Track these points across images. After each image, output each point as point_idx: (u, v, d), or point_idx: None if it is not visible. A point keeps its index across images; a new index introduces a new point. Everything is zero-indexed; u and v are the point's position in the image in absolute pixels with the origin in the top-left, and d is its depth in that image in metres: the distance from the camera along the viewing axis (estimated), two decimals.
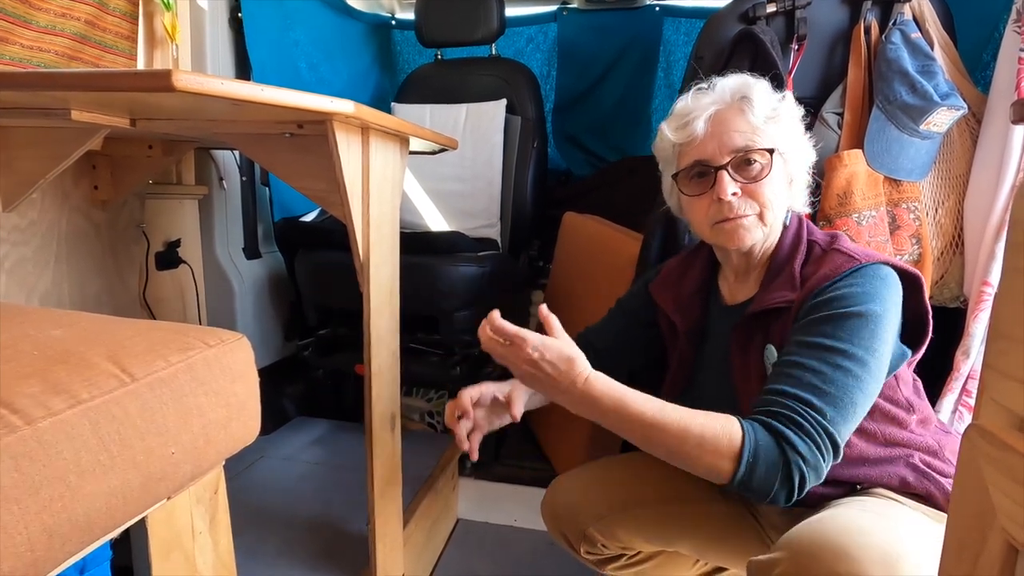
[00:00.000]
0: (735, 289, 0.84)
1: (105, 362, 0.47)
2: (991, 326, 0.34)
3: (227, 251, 1.49)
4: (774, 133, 0.75)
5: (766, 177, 0.74)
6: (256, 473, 1.29)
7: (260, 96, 0.60)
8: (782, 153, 0.75)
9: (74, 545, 0.42)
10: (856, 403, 0.63)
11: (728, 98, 0.76)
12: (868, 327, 0.65)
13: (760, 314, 0.74)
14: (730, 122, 0.75)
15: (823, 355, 0.65)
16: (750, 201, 0.74)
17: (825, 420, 0.61)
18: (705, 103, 0.77)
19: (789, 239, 0.78)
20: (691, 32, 1.91)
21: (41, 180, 0.86)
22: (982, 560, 0.32)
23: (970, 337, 1.06)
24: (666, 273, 0.92)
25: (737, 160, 0.74)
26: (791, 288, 0.73)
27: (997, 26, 1.20)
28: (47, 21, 1.07)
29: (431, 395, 1.70)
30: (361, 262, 0.85)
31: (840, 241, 0.75)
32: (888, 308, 0.67)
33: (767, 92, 0.77)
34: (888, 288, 0.68)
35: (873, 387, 0.65)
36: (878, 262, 0.70)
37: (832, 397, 0.62)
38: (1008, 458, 0.30)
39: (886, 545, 0.56)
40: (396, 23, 2.20)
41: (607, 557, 0.90)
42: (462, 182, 1.74)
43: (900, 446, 0.73)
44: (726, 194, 0.73)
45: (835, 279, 0.69)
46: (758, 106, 0.74)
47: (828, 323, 0.66)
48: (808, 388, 0.63)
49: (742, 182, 0.74)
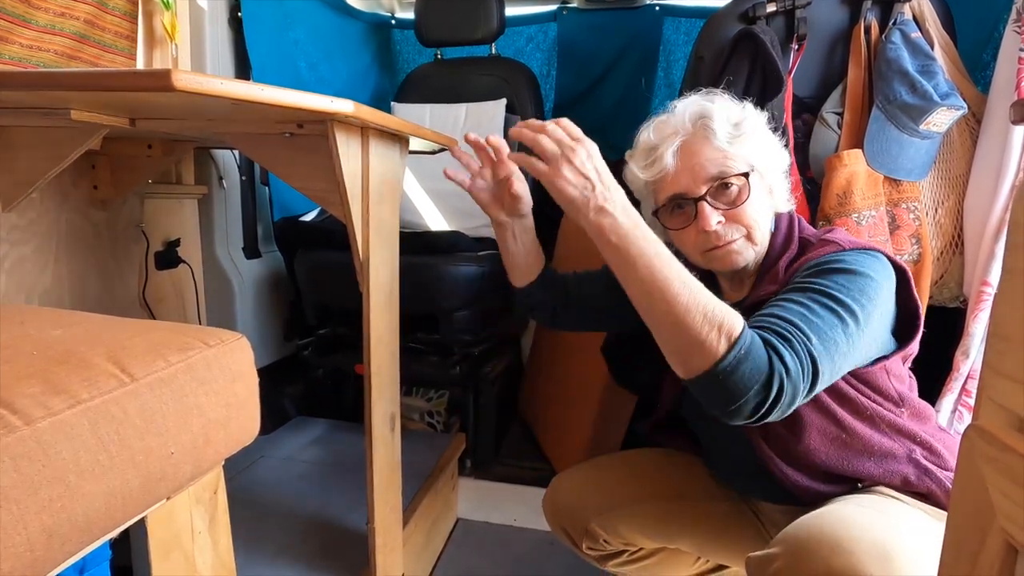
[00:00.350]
0: (733, 290, 0.84)
1: (105, 362, 0.47)
2: (990, 327, 0.34)
3: (227, 251, 1.49)
4: (743, 152, 0.74)
5: (746, 200, 0.73)
6: (256, 473, 1.29)
7: (260, 96, 0.60)
8: (757, 169, 0.75)
9: (73, 545, 0.42)
10: (839, 342, 0.61)
11: (689, 126, 0.75)
12: (858, 281, 0.64)
13: (747, 310, 0.74)
14: (698, 152, 0.74)
15: (812, 295, 0.64)
16: (735, 225, 0.74)
17: (810, 344, 0.59)
18: (668, 134, 0.76)
19: (779, 242, 0.77)
20: (691, 32, 1.91)
21: (40, 180, 0.86)
22: (981, 560, 0.32)
23: (970, 337, 1.06)
24: None
25: (714, 188, 0.74)
26: (775, 282, 0.73)
27: (997, 26, 1.20)
28: (46, 20, 1.07)
29: (431, 395, 1.70)
30: (361, 261, 0.85)
31: (833, 233, 0.75)
32: (880, 279, 0.66)
33: (726, 110, 0.75)
34: (880, 266, 0.68)
35: (858, 338, 0.63)
36: (869, 248, 0.70)
37: (817, 327, 0.60)
38: (1007, 459, 0.30)
39: (882, 540, 0.56)
40: (396, 22, 2.20)
41: (609, 553, 0.90)
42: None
43: (903, 436, 0.72)
44: (710, 225, 0.73)
45: (822, 256, 0.69)
46: (720, 130, 0.73)
47: (819, 276, 0.66)
48: (797, 315, 0.61)
49: (724, 208, 0.74)
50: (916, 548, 0.57)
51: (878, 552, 0.55)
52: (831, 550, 0.55)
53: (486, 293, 1.40)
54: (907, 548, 0.56)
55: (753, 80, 1.12)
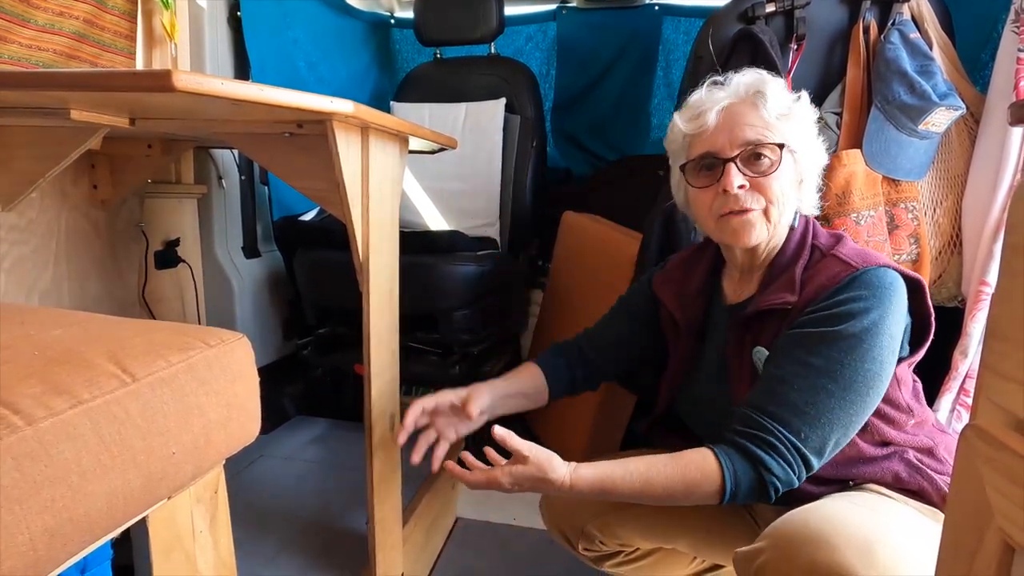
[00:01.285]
0: (738, 287, 0.83)
1: (106, 362, 0.47)
2: (989, 327, 0.34)
3: (226, 250, 1.49)
4: (786, 130, 0.74)
5: (774, 172, 0.73)
6: (256, 472, 1.29)
7: (260, 96, 0.60)
8: (793, 151, 0.75)
9: (75, 545, 0.42)
10: (836, 423, 0.65)
11: (743, 92, 0.76)
12: (862, 346, 0.65)
13: (757, 315, 0.74)
14: (742, 115, 0.74)
15: (810, 376, 0.66)
16: (756, 195, 0.74)
17: (799, 441, 0.64)
18: (719, 96, 0.76)
19: (795, 242, 0.77)
20: (690, 31, 1.91)
21: (40, 179, 0.86)
22: (979, 560, 0.32)
23: (968, 337, 1.06)
24: (671, 268, 0.92)
25: (746, 153, 0.73)
26: (790, 291, 0.72)
27: (996, 26, 1.20)
28: (46, 20, 1.07)
29: (430, 394, 1.70)
30: (361, 261, 0.85)
31: (840, 246, 0.74)
32: (887, 315, 0.67)
33: (782, 90, 0.76)
34: (888, 294, 0.68)
35: (861, 404, 0.66)
36: (878, 266, 0.69)
37: (811, 418, 0.64)
38: (1005, 458, 0.30)
39: (866, 536, 0.57)
40: (395, 22, 2.19)
41: (605, 554, 0.90)
42: (462, 181, 1.74)
43: (895, 445, 0.73)
44: (732, 186, 0.72)
45: (832, 290, 0.69)
46: (772, 102, 0.74)
47: (821, 342, 0.67)
48: (789, 408, 0.65)
49: (750, 175, 0.73)
50: (901, 544, 0.58)
51: (861, 547, 0.55)
52: (815, 545, 0.56)
53: (485, 293, 1.40)
54: (891, 543, 0.57)
55: None
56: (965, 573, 0.33)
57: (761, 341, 0.74)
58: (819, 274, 0.72)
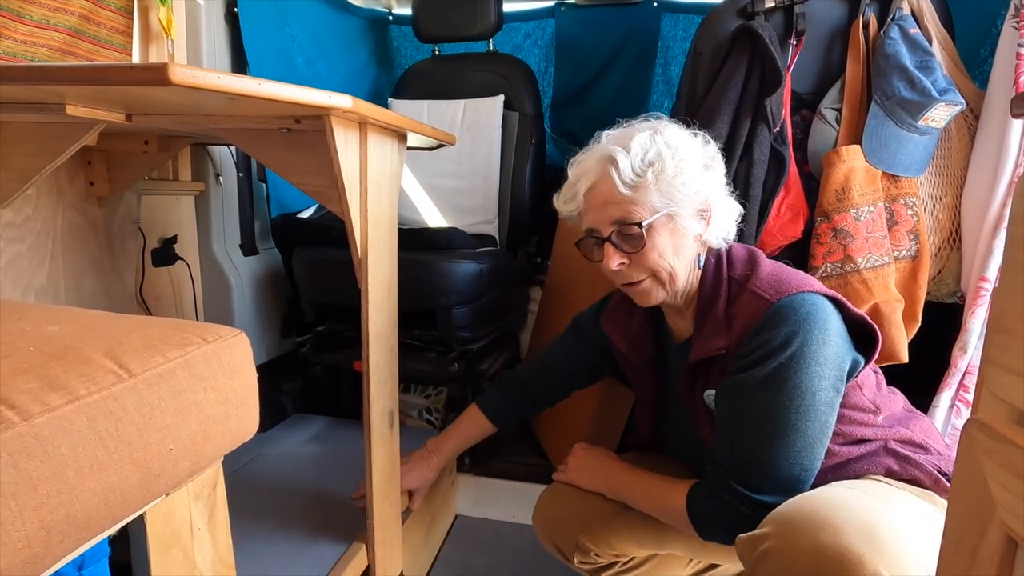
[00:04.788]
0: (679, 323, 0.85)
1: (102, 358, 0.46)
2: (991, 320, 0.34)
3: (224, 248, 1.48)
4: (650, 198, 0.73)
5: (644, 247, 0.74)
6: (254, 470, 1.29)
7: (257, 90, 0.60)
8: (666, 213, 0.74)
9: (72, 541, 0.42)
10: (786, 462, 0.68)
11: (596, 168, 0.76)
12: (787, 384, 0.67)
13: (700, 362, 0.76)
14: (603, 193, 0.76)
15: (753, 430, 0.69)
16: (639, 268, 0.76)
17: (749, 490, 0.69)
18: (582, 174, 0.78)
19: (709, 280, 0.77)
20: (689, 28, 1.90)
21: (36, 176, 0.86)
22: (981, 553, 0.32)
23: (967, 333, 1.06)
24: (614, 306, 0.93)
25: (617, 232, 0.75)
26: (720, 334, 0.74)
27: (995, 22, 1.20)
28: (41, 15, 1.06)
29: (429, 391, 1.70)
30: (359, 258, 0.85)
31: (755, 276, 0.74)
32: (809, 342, 0.68)
33: (639, 151, 0.74)
34: (809, 321, 0.68)
35: (808, 438, 0.68)
36: (792, 294, 0.70)
37: (758, 465, 0.69)
38: (1007, 452, 0.30)
39: (868, 516, 0.58)
40: (393, 18, 2.19)
41: (601, 566, 0.90)
42: (460, 178, 1.74)
43: (874, 440, 0.75)
44: (612, 267, 0.76)
45: (753, 331, 0.70)
46: (623, 174, 0.73)
47: (751, 389, 0.69)
48: (741, 463, 0.70)
49: (627, 251, 0.75)
50: (902, 525, 0.59)
51: (864, 529, 0.56)
52: (819, 527, 0.57)
53: (484, 290, 1.40)
54: (893, 525, 0.58)
55: (752, 76, 1.12)
56: (967, 566, 0.33)
57: (710, 384, 0.77)
58: (741, 312, 0.73)
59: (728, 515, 0.71)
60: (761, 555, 0.60)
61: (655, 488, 0.82)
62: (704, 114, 1.13)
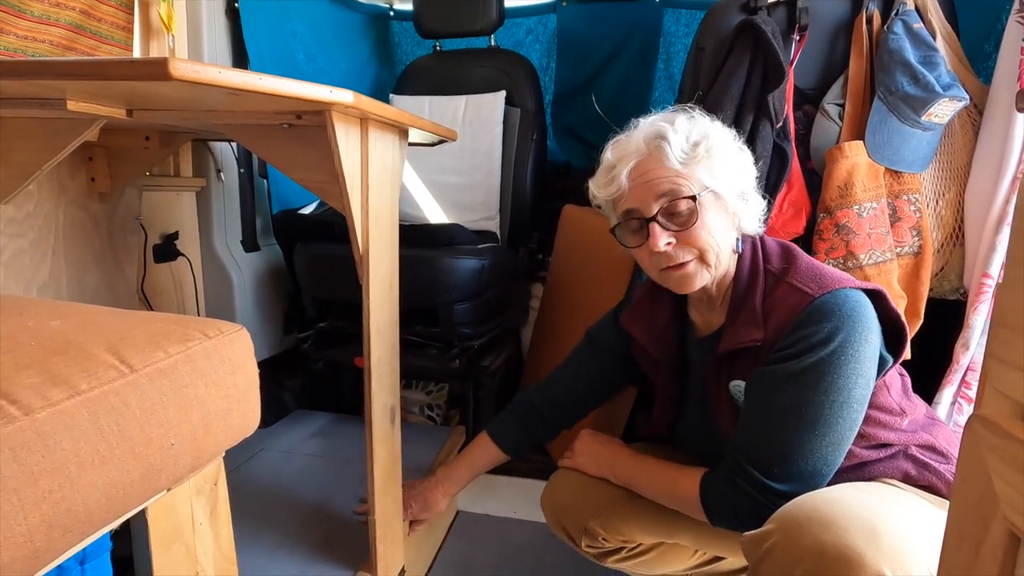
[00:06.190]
0: (707, 317, 0.84)
1: (104, 353, 0.46)
2: (994, 315, 0.34)
3: (225, 244, 1.48)
4: (699, 171, 0.73)
5: (695, 223, 0.73)
6: (256, 466, 1.29)
7: (258, 85, 0.59)
8: (713, 190, 0.74)
9: (74, 536, 0.42)
10: (809, 455, 0.68)
11: (644, 147, 0.75)
12: (824, 380, 0.67)
13: (730, 353, 0.75)
14: (650, 171, 0.74)
15: (783, 420, 0.68)
16: (686, 248, 0.74)
17: (766, 477, 0.68)
18: (624, 154, 0.76)
19: (746, 269, 0.77)
20: (691, 23, 1.89)
21: (37, 172, 0.86)
22: (984, 549, 0.32)
23: (970, 329, 1.06)
24: (636, 303, 0.92)
25: (665, 209, 0.74)
26: (756, 326, 0.73)
27: (999, 17, 1.19)
28: (41, 11, 1.06)
29: (431, 388, 1.70)
30: (360, 254, 0.85)
31: (793, 271, 0.74)
32: (850, 340, 0.67)
33: (685, 130, 0.74)
34: (851, 318, 0.68)
35: (834, 434, 0.68)
36: (834, 290, 0.69)
37: (780, 455, 0.68)
38: (1010, 447, 0.30)
39: (871, 516, 0.58)
40: (394, 14, 2.18)
41: (608, 550, 0.91)
42: (461, 174, 1.74)
43: (895, 445, 0.74)
44: (659, 247, 0.74)
45: (794, 324, 0.70)
46: (674, 149, 0.73)
47: (786, 381, 0.68)
48: (763, 450, 0.70)
49: (674, 230, 0.74)
50: (906, 527, 0.59)
51: (867, 529, 0.56)
52: (822, 526, 0.57)
53: (485, 286, 1.40)
54: (897, 526, 0.58)
55: (754, 71, 1.11)
56: (970, 562, 0.33)
57: (737, 375, 0.76)
58: (779, 305, 0.72)
59: (739, 500, 0.70)
60: (765, 552, 0.60)
61: (662, 473, 0.81)
62: (707, 110, 1.12)
